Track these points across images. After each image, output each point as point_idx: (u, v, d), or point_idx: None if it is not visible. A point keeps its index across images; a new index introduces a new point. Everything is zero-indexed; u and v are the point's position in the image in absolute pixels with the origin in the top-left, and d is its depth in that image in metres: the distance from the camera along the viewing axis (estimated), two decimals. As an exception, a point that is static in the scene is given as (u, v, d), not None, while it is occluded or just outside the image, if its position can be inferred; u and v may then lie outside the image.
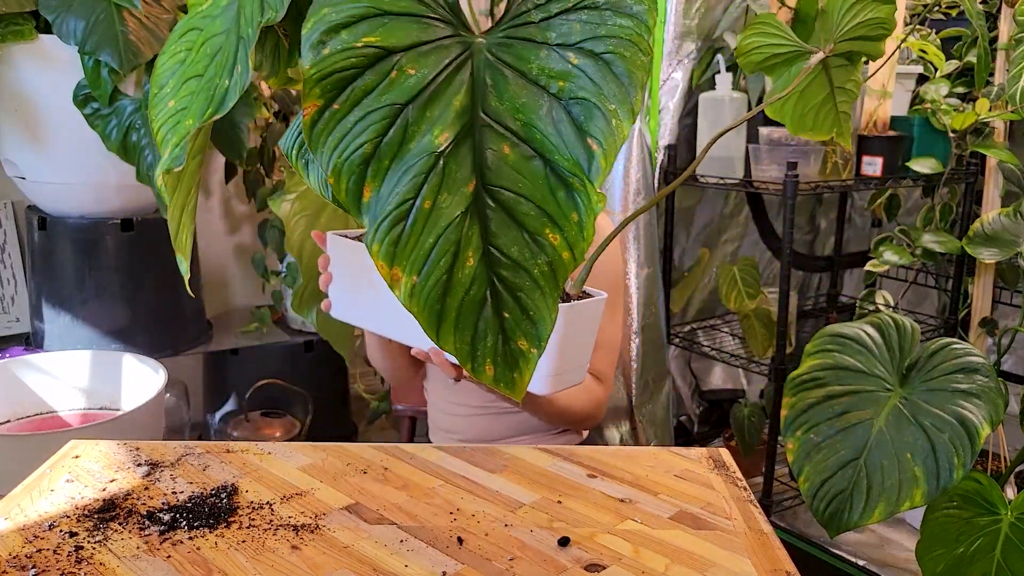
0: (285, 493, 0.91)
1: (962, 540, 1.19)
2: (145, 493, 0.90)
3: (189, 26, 0.78)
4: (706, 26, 2.04)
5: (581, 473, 0.97)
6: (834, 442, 1.21)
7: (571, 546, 0.81)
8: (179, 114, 0.74)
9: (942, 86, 1.95)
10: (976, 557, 1.17)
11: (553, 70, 0.61)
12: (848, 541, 1.99)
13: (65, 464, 0.97)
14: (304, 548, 0.80)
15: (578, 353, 0.94)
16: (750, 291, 2.03)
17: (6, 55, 1.66)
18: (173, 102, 0.75)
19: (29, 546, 0.79)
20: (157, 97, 0.78)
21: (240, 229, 2.46)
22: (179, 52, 0.78)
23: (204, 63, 0.73)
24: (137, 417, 1.51)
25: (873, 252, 2.03)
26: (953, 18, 2.19)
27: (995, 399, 1.16)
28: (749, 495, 0.93)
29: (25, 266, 2.05)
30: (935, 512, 1.21)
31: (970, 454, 1.12)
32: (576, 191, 0.60)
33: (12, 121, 1.73)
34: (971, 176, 2.03)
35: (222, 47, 0.72)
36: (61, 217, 1.84)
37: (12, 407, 1.66)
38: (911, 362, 1.25)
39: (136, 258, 1.88)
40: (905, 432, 1.17)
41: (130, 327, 1.89)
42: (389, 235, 0.58)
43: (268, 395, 2.08)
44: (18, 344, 1.97)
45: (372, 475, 0.95)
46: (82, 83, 1.66)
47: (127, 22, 1.61)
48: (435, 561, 0.78)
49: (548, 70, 0.61)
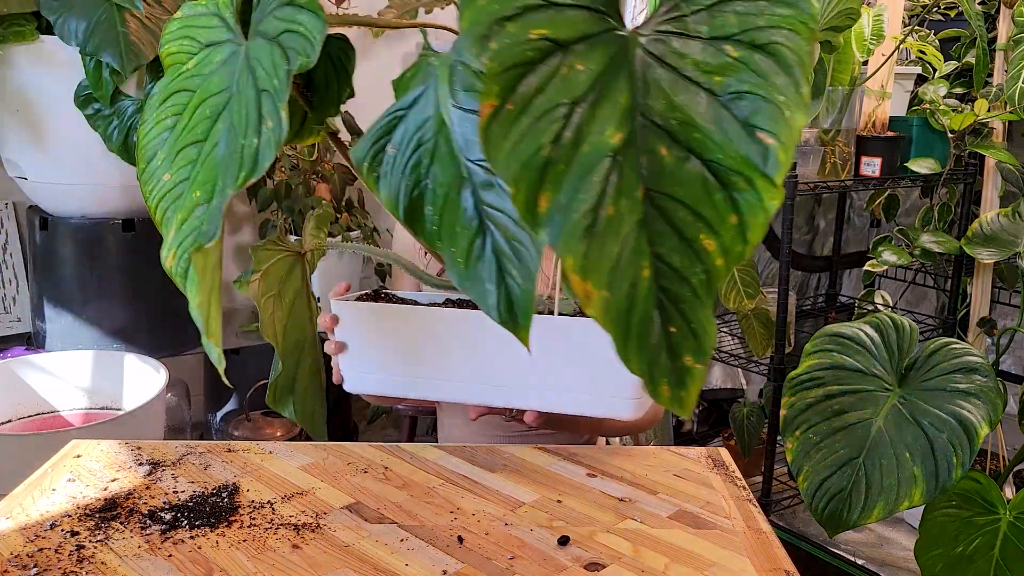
0: (286, 492, 0.91)
1: (961, 539, 1.19)
2: (146, 492, 0.90)
3: (172, 88, 0.73)
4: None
5: (581, 472, 0.97)
6: (833, 442, 1.21)
7: (571, 545, 0.81)
8: (179, 187, 0.70)
9: (941, 87, 1.96)
10: (975, 556, 1.18)
11: (710, 64, 0.57)
12: (847, 540, 1.99)
13: (67, 463, 0.97)
14: (305, 547, 0.80)
15: None
16: (749, 291, 2.04)
17: (8, 56, 1.67)
18: (169, 175, 0.71)
19: (31, 545, 0.79)
20: (147, 172, 0.73)
21: (241, 229, 2.46)
22: (164, 119, 0.73)
23: (204, 127, 0.69)
24: (138, 417, 1.51)
25: (872, 252, 2.03)
26: (952, 19, 2.20)
27: (994, 399, 1.16)
28: (748, 494, 0.93)
29: (27, 266, 2.05)
30: (934, 511, 1.22)
31: (969, 454, 1.12)
32: (739, 191, 0.55)
33: (14, 122, 1.74)
34: (970, 176, 2.03)
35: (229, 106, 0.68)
36: (62, 217, 1.85)
37: (14, 407, 1.66)
38: (910, 362, 1.26)
39: (137, 258, 1.88)
40: (904, 432, 1.17)
41: (131, 327, 1.90)
42: (580, 247, 0.53)
43: (269, 395, 2.08)
44: (20, 344, 1.98)
45: (372, 474, 0.96)
46: (83, 84, 1.66)
47: (128, 23, 1.61)
48: (435, 560, 0.78)
49: (704, 64, 0.57)
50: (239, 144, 0.64)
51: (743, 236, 0.55)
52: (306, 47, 0.63)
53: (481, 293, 0.60)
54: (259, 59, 0.66)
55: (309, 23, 0.65)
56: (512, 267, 0.60)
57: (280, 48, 0.65)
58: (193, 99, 0.71)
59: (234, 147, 0.65)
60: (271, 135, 0.62)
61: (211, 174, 0.67)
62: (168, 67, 0.75)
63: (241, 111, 0.66)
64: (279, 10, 0.67)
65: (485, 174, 0.62)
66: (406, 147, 0.66)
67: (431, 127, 0.66)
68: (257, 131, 0.63)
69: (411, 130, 0.67)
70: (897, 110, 2.05)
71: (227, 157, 0.66)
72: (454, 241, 0.62)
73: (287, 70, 0.63)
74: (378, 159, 0.67)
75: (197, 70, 0.72)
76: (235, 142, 0.65)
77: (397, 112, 0.68)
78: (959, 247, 1.94)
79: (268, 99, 0.64)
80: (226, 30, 0.73)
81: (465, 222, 0.62)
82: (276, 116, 0.62)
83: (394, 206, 0.65)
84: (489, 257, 0.61)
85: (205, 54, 0.73)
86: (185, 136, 0.70)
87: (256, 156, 0.63)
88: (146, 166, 0.73)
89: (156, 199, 0.72)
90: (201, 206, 0.67)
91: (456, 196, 0.63)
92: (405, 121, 0.67)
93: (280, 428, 2.13)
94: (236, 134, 0.65)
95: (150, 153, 0.73)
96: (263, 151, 0.63)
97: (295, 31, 0.65)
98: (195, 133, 0.69)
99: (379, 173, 0.67)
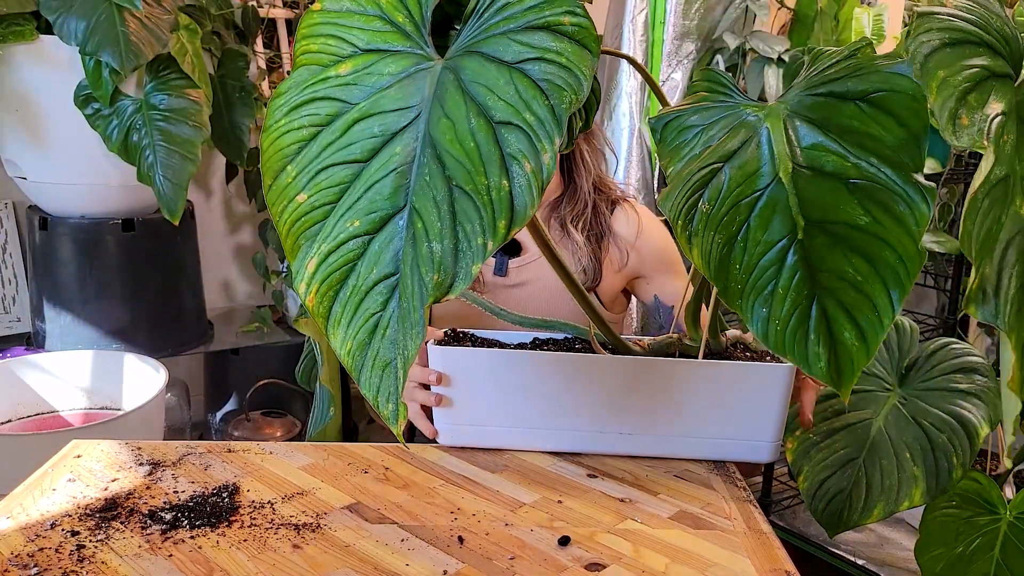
0: (286, 492, 0.91)
1: (961, 539, 1.19)
2: (147, 492, 0.90)
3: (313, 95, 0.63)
4: (706, 27, 2.04)
5: (581, 473, 0.97)
6: (833, 442, 1.21)
7: (571, 545, 0.81)
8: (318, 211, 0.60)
9: (941, 86, 1.95)
10: (975, 556, 1.18)
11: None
12: (847, 540, 1.99)
13: (67, 463, 0.97)
14: (305, 547, 0.80)
15: None
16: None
17: (7, 56, 1.67)
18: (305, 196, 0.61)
19: (31, 545, 0.79)
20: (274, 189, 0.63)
21: (240, 229, 2.46)
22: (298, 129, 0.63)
23: (366, 146, 0.60)
24: (138, 417, 1.51)
25: (872, 252, 2.03)
26: (952, 18, 2.19)
27: (994, 399, 1.16)
28: (748, 495, 0.93)
29: (26, 266, 2.05)
30: (934, 511, 1.22)
31: (969, 454, 1.12)
32: None
33: (13, 121, 1.74)
34: (970, 176, 2.03)
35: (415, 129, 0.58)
36: (62, 217, 1.85)
37: (14, 407, 1.66)
38: (910, 362, 1.26)
39: (137, 258, 1.88)
40: (904, 432, 1.17)
41: (131, 327, 1.90)
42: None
43: (269, 395, 2.08)
44: (19, 344, 1.98)
45: (373, 475, 0.96)
46: (83, 84, 1.66)
47: (128, 23, 1.61)
48: (436, 560, 0.78)
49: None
50: (478, 185, 0.56)
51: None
52: (572, 83, 0.57)
53: (804, 355, 0.60)
54: (487, 85, 0.58)
55: (574, 55, 0.58)
56: (844, 330, 0.59)
57: (526, 78, 0.58)
58: (350, 112, 0.62)
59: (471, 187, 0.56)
60: (530, 178, 0.56)
61: (379, 203, 0.59)
62: (301, 67, 0.65)
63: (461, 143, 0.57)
64: (523, 34, 0.59)
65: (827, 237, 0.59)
66: (721, 203, 0.62)
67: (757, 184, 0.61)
68: (505, 172, 0.56)
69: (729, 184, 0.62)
70: (897, 110, 2.05)
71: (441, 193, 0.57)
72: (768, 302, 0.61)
73: (550, 105, 0.56)
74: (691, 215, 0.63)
75: (355, 79, 0.63)
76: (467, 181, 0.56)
77: (713, 165, 0.63)
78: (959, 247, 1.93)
79: (517, 135, 0.56)
80: (402, 38, 0.64)
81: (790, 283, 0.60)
82: (536, 156, 0.56)
83: (704, 263, 0.63)
84: (816, 319, 0.60)
85: (368, 61, 0.64)
86: (332, 153, 0.62)
87: (512, 200, 0.56)
88: (272, 181, 0.64)
89: (288, 223, 0.63)
90: (358, 238, 0.59)
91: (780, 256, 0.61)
92: (720, 174, 0.63)
93: (280, 428, 2.13)
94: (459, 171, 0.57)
95: (277, 166, 0.64)
96: (520, 195, 0.56)
97: (551, 60, 0.58)
98: (351, 151, 0.61)
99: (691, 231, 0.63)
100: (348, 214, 0.60)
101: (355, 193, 0.60)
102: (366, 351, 0.58)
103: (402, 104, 0.60)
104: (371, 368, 0.58)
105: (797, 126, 0.61)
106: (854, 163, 0.59)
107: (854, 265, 0.58)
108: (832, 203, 0.59)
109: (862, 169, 0.58)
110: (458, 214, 0.56)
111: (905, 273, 0.57)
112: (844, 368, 0.60)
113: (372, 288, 0.58)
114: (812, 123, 0.61)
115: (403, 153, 0.59)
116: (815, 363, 0.60)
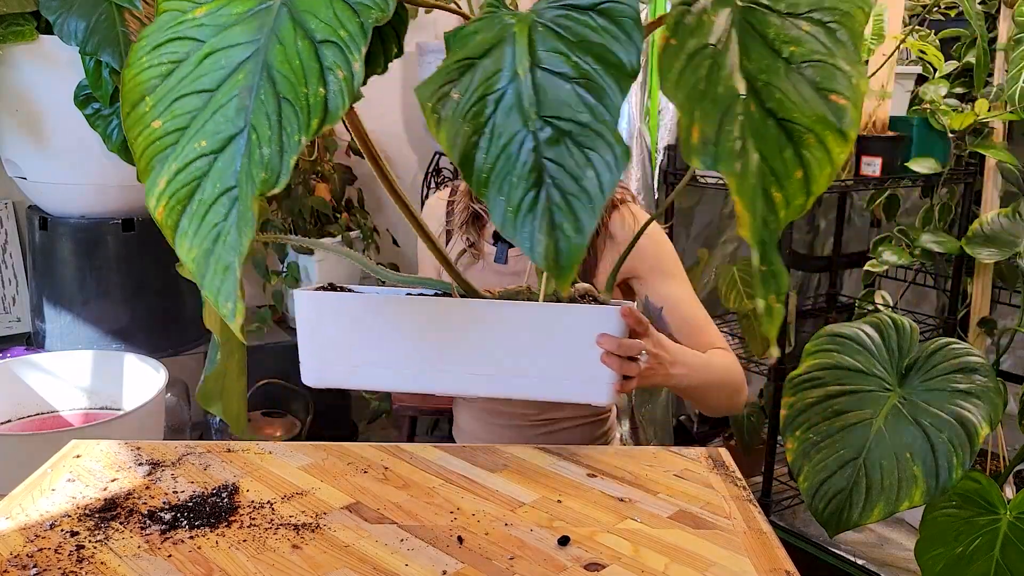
0: (286, 492, 0.91)
1: (961, 539, 1.19)
2: (146, 492, 0.90)
3: (171, 36, 0.72)
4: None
5: (581, 472, 0.97)
6: (833, 442, 1.21)
7: (571, 545, 0.81)
8: (172, 135, 0.68)
9: (941, 86, 1.96)
10: (975, 556, 1.18)
11: (787, 36, 0.66)
12: (847, 540, 1.99)
13: (66, 464, 0.97)
14: (305, 547, 0.80)
15: None
16: (749, 291, 2.04)
17: (7, 56, 1.67)
18: (159, 123, 0.69)
19: (30, 545, 0.79)
20: (132, 117, 0.71)
21: (240, 229, 2.46)
22: (157, 65, 0.71)
23: (215, 77, 0.68)
24: (138, 417, 1.51)
25: (872, 252, 2.03)
26: (952, 18, 2.20)
27: (994, 399, 1.16)
28: (748, 494, 0.93)
29: (26, 266, 2.05)
30: (934, 511, 1.22)
31: (969, 454, 1.12)
32: (808, 147, 0.63)
33: (13, 121, 1.74)
34: (970, 176, 2.03)
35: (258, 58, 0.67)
36: (62, 217, 1.85)
37: (13, 407, 1.66)
38: (910, 362, 1.26)
39: (137, 258, 1.88)
40: (904, 432, 1.17)
41: (131, 327, 1.90)
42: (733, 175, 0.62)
43: (269, 395, 2.08)
44: (19, 344, 1.98)
45: (372, 474, 0.96)
46: (83, 83, 1.66)
47: (128, 23, 1.61)
48: (435, 560, 0.78)
49: (783, 35, 0.66)
50: (299, 93, 0.64)
51: (807, 188, 0.63)
52: (379, 1, 0.64)
53: (529, 241, 0.64)
54: (312, 12, 0.67)
55: None
56: (565, 221, 0.64)
57: (342, 2, 0.66)
58: (202, 49, 0.70)
59: (293, 96, 0.64)
60: (342, 84, 0.64)
61: (223, 125, 0.66)
62: (164, 12, 0.73)
63: (289, 62, 0.66)
64: None
65: (554, 131, 0.65)
66: (471, 94, 0.68)
67: (503, 78, 0.67)
68: (322, 81, 0.64)
69: (479, 79, 0.68)
70: (897, 110, 2.05)
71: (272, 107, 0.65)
72: (506, 190, 0.65)
73: (360, 22, 0.64)
74: (442, 102, 0.69)
75: (210, 20, 0.71)
76: (291, 92, 0.65)
77: (467, 60, 0.70)
78: (959, 247, 1.94)
79: (333, 49, 0.65)
80: None
81: (521, 173, 0.65)
82: (348, 66, 0.64)
83: (450, 148, 0.68)
84: (542, 208, 0.64)
85: (219, 5, 0.72)
86: (186, 84, 0.69)
87: (326, 103, 0.64)
88: (131, 110, 0.71)
89: (142, 146, 0.70)
90: (205, 157, 0.66)
91: (516, 147, 0.66)
92: (474, 70, 0.69)
93: (280, 428, 2.13)
94: (285, 85, 0.65)
95: (136, 97, 0.71)
96: (333, 99, 0.64)
97: None
98: (201, 83, 0.68)
99: (440, 115, 0.69)
100: (197, 136, 0.67)
101: (204, 117, 0.67)
102: (209, 258, 0.64)
103: (245, 39, 0.69)
104: (213, 273, 0.64)
105: (540, 31, 0.69)
106: (579, 64, 0.66)
107: (575, 158, 0.64)
108: (562, 100, 0.66)
109: (583, 70, 0.66)
110: (283, 120, 0.64)
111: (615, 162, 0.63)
112: (562, 254, 0.63)
113: (215, 201, 0.65)
114: (551, 30, 0.68)
115: (245, 80, 0.67)
116: (536, 248, 0.64)
